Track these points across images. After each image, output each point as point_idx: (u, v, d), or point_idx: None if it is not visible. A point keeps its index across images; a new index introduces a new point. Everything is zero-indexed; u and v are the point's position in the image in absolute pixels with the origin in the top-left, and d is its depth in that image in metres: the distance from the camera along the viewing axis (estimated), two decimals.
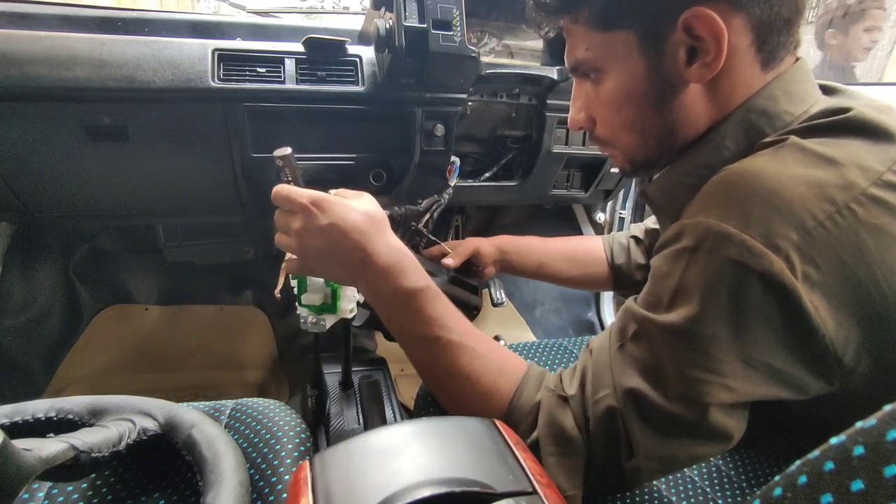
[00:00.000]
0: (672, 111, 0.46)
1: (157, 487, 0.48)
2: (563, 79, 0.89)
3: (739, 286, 0.37)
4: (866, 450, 0.24)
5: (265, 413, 0.56)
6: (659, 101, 0.46)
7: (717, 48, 0.41)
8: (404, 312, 0.51)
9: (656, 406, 0.40)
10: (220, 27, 0.96)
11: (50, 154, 0.76)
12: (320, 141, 0.85)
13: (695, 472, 0.60)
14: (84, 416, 0.43)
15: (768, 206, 0.37)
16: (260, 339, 1.36)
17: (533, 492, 0.29)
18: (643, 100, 0.46)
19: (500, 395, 0.48)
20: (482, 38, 0.95)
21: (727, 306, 0.37)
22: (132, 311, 1.29)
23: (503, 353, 0.51)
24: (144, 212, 0.92)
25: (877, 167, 0.37)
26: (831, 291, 0.36)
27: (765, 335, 0.37)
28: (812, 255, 0.36)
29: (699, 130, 0.46)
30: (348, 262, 0.50)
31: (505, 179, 1.05)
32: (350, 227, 0.49)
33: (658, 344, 0.40)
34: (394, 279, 0.50)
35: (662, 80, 0.45)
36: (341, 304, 0.61)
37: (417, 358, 0.53)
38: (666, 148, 0.49)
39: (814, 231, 0.36)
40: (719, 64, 0.42)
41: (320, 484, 0.30)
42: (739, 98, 0.44)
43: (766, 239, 0.36)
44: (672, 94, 0.45)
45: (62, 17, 0.84)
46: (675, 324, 0.39)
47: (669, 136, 0.48)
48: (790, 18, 0.43)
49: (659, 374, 0.40)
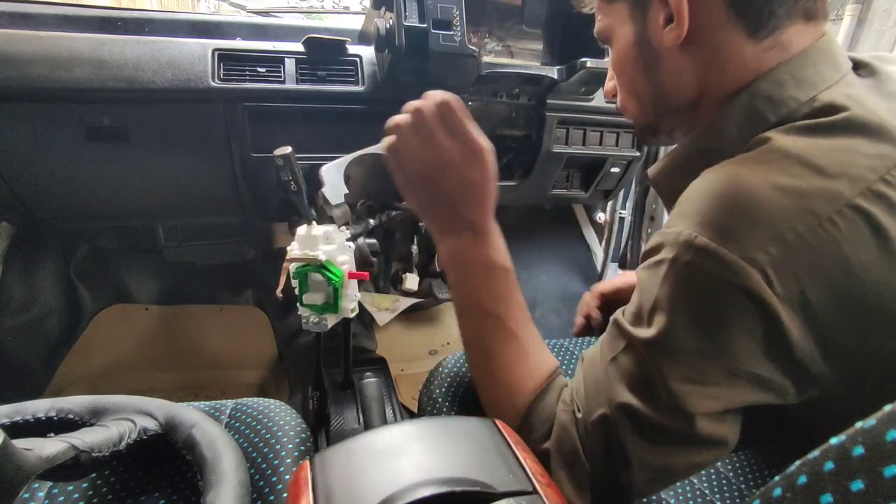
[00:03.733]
0: (659, 75, 0.48)
1: (158, 487, 0.48)
2: (563, 79, 0.89)
3: (717, 299, 0.37)
4: (866, 450, 0.23)
5: (265, 413, 0.56)
6: (647, 66, 0.49)
7: (679, 11, 0.43)
8: (482, 282, 0.52)
9: (647, 418, 0.40)
10: (220, 27, 0.96)
11: (50, 154, 0.76)
12: (320, 141, 0.85)
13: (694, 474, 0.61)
14: (84, 415, 0.43)
15: (747, 218, 0.36)
16: (260, 339, 1.36)
17: (533, 491, 0.29)
18: (635, 64, 0.50)
19: (524, 394, 0.49)
20: (482, 38, 0.95)
21: (705, 319, 0.37)
22: (132, 311, 1.29)
23: (544, 354, 0.52)
24: (144, 212, 0.92)
25: (867, 175, 0.36)
26: (812, 304, 0.36)
27: (746, 346, 0.37)
28: (792, 268, 0.35)
29: (690, 95, 0.48)
30: (460, 199, 0.53)
31: (505, 179, 1.05)
32: (489, 175, 0.53)
33: (643, 358, 0.41)
34: (487, 247, 0.53)
35: (648, 46, 0.48)
36: (343, 303, 0.61)
37: (469, 328, 0.54)
38: (660, 110, 0.51)
39: (794, 244, 0.35)
40: (684, 26, 0.44)
41: (321, 484, 0.30)
42: (731, 65, 0.44)
43: (744, 253, 0.35)
44: (656, 59, 0.48)
45: (62, 17, 0.84)
46: (655, 337, 0.39)
47: (660, 98, 0.50)
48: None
49: (647, 386, 0.40)
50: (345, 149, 0.84)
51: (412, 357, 1.44)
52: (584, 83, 0.92)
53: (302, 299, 0.60)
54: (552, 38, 0.98)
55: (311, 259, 0.56)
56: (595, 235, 1.51)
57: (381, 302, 1.34)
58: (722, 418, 0.40)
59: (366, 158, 0.74)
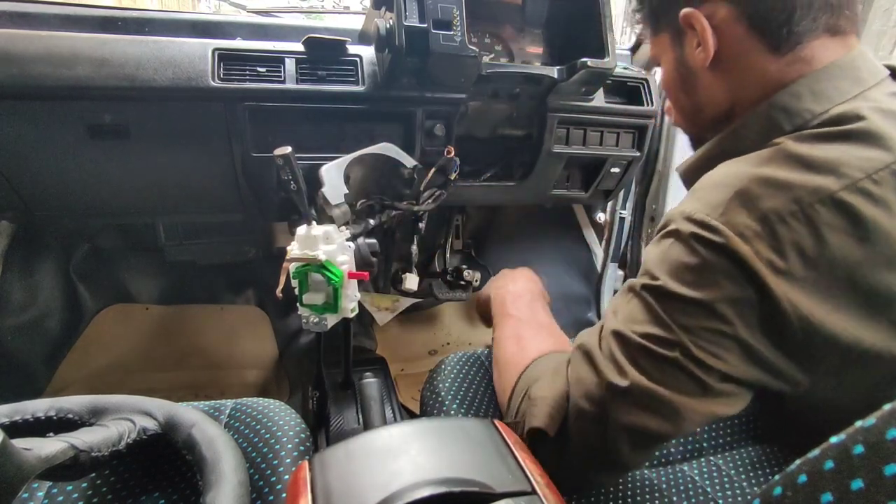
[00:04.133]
0: (696, 93, 0.55)
1: (157, 487, 0.48)
2: (564, 79, 0.89)
3: (710, 259, 0.41)
4: (866, 448, 0.23)
5: (265, 413, 0.56)
6: (686, 85, 0.56)
7: (704, 37, 0.50)
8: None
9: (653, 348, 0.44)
10: (221, 27, 0.96)
11: (51, 152, 0.76)
12: (320, 141, 0.85)
13: (695, 472, 0.60)
14: (84, 415, 0.43)
15: (736, 199, 0.42)
16: (260, 338, 1.36)
17: (532, 492, 0.29)
18: (677, 84, 0.57)
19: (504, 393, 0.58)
20: (482, 38, 0.95)
21: (699, 275, 0.42)
22: (133, 311, 1.29)
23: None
24: (145, 210, 0.92)
25: (854, 174, 0.40)
26: (796, 278, 0.40)
27: (735, 309, 0.41)
28: (775, 245, 0.40)
29: (723, 108, 0.54)
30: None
31: (505, 179, 1.05)
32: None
33: (650, 302, 0.45)
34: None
35: (686, 68, 0.54)
36: (343, 303, 0.61)
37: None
38: (700, 122, 0.58)
39: (776, 224, 0.40)
40: (710, 49, 0.50)
41: (320, 484, 0.30)
42: (756, 79, 0.49)
43: (731, 226, 0.41)
44: (693, 79, 0.54)
45: (63, 16, 0.84)
46: (660, 286, 0.44)
47: (699, 112, 0.57)
48: (790, 7, 0.45)
49: (657, 320, 0.44)
50: (345, 149, 0.84)
51: (412, 357, 1.44)
52: (585, 83, 0.92)
53: (302, 299, 0.60)
54: (552, 38, 0.98)
55: (311, 259, 0.56)
56: (595, 235, 1.50)
57: (381, 302, 1.34)
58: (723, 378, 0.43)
59: (366, 158, 0.74)
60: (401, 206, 0.83)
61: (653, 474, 0.60)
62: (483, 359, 0.75)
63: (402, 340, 1.46)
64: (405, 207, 0.84)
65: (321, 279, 0.59)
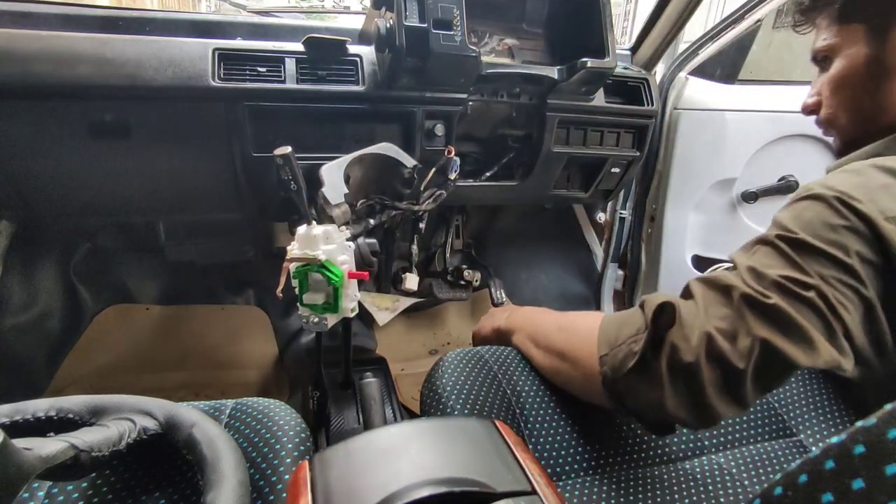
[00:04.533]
0: (883, 95, 0.53)
1: (158, 487, 0.48)
2: (564, 79, 0.89)
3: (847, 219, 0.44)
4: (867, 448, 0.23)
5: (265, 413, 0.56)
6: (873, 85, 0.53)
7: None
8: None
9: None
10: (221, 26, 0.96)
11: (52, 151, 0.76)
12: (320, 140, 0.85)
13: (697, 470, 0.60)
14: (84, 415, 0.43)
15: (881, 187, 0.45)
16: (260, 338, 1.36)
17: (532, 492, 0.29)
18: (860, 83, 0.54)
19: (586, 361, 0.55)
20: (483, 38, 0.95)
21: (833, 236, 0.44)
22: (133, 311, 1.29)
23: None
24: (145, 208, 0.92)
25: None
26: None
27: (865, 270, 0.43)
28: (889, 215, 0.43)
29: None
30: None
31: (505, 179, 1.05)
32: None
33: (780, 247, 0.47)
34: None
35: (880, 67, 0.52)
36: (343, 302, 0.61)
37: None
38: (872, 127, 0.55)
39: (887, 203, 0.43)
40: None
41: (320, 484, 0.30)
42: None
43: (874, 203, 0.44)
44: (886, 80, 0.52)
45: (64, 16, 0.84)
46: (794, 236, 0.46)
47: (878, 115, 0.55)
48: None
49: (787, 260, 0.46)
50: (345, 149, 0.84)
51: (412, 357, 1.44)
52: (585, 83, 0.92)
53: (302, 299, 0.60)
54: (552, 38, 0.98)
55: (311, 259, 0.56)
56: (595, 235, 1.50)
57: (381, 302, 1.34)
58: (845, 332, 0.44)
59: (366, 158, 0.74)
60: (401, 205, 0.83)
61: (655, 472, 0.60)
62: (484, 354, 0.74)
63: (402, 340, 1.46)
64: (405, 207, 0.84)
65: (321, 279, 0.59)
